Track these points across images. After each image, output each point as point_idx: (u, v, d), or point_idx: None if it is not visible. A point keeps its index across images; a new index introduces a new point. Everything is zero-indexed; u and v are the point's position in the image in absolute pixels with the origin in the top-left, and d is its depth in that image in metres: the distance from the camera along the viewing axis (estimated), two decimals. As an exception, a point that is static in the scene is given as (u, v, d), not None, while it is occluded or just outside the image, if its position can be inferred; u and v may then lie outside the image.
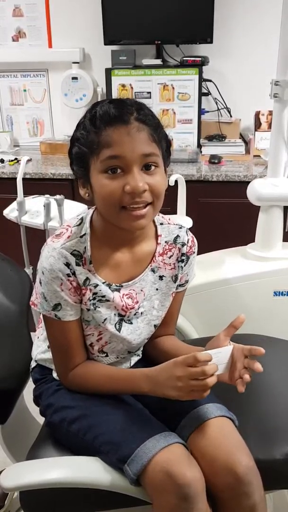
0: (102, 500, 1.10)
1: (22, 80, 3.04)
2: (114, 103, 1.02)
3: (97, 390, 1.14)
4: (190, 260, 1.22)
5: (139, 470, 0.99)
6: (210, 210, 2.45)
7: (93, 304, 1.12)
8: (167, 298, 1.22)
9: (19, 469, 1.12)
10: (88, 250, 1.09)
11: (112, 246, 1.13)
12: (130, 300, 1.15)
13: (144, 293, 1.17)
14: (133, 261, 1.15)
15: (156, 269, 1.18)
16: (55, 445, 1.16)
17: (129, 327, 1.17)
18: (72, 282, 1.08)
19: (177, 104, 2.75)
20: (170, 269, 1.20)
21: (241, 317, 1.07)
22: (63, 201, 1.83)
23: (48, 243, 1.10)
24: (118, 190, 1.00)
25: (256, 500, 1.01)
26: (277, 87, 1.67)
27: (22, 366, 1.35)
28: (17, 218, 1.90)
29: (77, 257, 1.09)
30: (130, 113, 1.00)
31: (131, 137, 0.99)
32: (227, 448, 1.04)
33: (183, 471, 0.97)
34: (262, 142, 2.72)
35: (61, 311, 1.10)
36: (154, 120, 1.04)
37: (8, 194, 2.20)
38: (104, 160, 1.00)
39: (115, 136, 0.99)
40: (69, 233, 1.10)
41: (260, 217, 1.88)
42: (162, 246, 1.18)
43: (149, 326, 1.21)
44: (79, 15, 2.85)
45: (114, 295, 1.13)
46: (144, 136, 1.01)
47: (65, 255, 1.07)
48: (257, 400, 1.26)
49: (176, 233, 1.20)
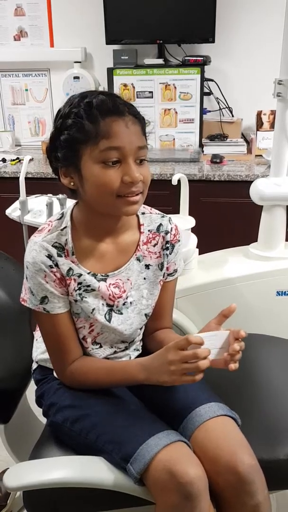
0: (106, 500, 1.09)
1: (23, 79, 3.04)
2: (105, 95, 1.05)
3: (96, 384, 1.14)
4: (175, 249, 1.23)
5: (142, 469, 0.99)
6: (212, 210, 2.45)
7: (79, 295, 1.13)
8: (155, 287, 1.23)
9: (23, 469, 1.12)
10: (69, 242, 1.12)
11: (95, 237, 1.15)
12: (117, 289, 1.17)
13: (131, 282, 1.18)
14: (117, 251, 1.17)
15: (141, 258, 1.20)
16: (58, 445, 1.16)
17: (119, 317, 1.18)
18: (55, 273, 1.11)
19: (179, 103, 2.75)
20: (156, 258, 1.21)
21: (232, 306, 1.08)
22: (66, 201, 1.83)
23: (31, 238, 1.13)
24: (116, 180, 1.03)
25: (259, 500, 1.01)
26: (281, 86, 1.67)
27: (24, 366, 1.35)
28: (20, 218, 1.90)
29: (59, 249, 1.11)
30: (124, 105, 1.04)
31: (128, 130, 1.03)
32: (230, 447, 1.04)
33: (186, 469, 0.97)
34: (263, 141, 2.72)
35: (49, 304, 1.11)
36: (141, 115, 1.09)
37: (10, 194, 2.20)
38: (103, 150, 1.02)
39: (115, 128, 1.02)
40: (50, 227, 1.13)
41: (262, 216, 1.87)
42: (145, 235, 1.20)
43: (140, 316, 1.22)
44: (81, 14, 2.85)
45: (100, 285, 1.15)
46: (138, 129, 1.05)
47: (46, 247, 1.10)
48: (260, 400, 1.25)
49: (158, 221, 1.22)
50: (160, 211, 1.26)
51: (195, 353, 0.97)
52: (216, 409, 1.10)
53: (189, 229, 1.84)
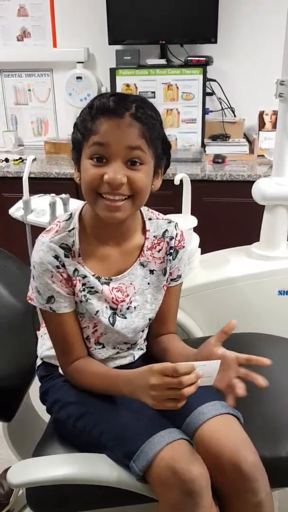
0: (109, 497, 1.10)
1: (26, 79, 3.05)
2: (115, 96, 1.05)
3: (91, 388, 1.15)
4: (179, 255, 1.23)
5: (145, 466, 1.00)
6: (214, 210, 2.45)
7: (84, 296, 1.14)
8: (159, 291, 1.23)
9: (26, 466, 1.13)
10: (76, 243, 1.12)
11: (100, 240, 1.15)
12: (119, 293, 1.17)
13: (135, 286, 1.19)
14: (121, 255, 1.17)
15: (145, 263, 1.20)
16: (61, 442, 1.17)
17: (123, 322, 1.19)
18: (62, 273, 1.11)
19: (181, 103, 2.76)
20: (160, 263, 1.21)
21: (232, 322, 1.05)
22: (69, 200, 1.84)
23: (39, 238, 1.14)
24: (98, 176, 1.03)
25: (262, 497, 1.02)
26: (283, 87, 1.67)
27: (28, 364, 1.36)
28: (23, 217, 1.91)
29: (66, 250, 1.12)
30: (127, 109, 1.02)
31: (120, 130, 1.01)
32: (232, 445, 1.04)
33: (188, 466, 0.98)
34: (266, 142, 2.72)
35: (55, 303, 1.12)
36: (151, 120, 1.05)
37: (13, 193, 2.21)
38: (91, 145, 1.03)
39: (105, 125, 1.02)
40: (58, 228, 1.14)
41: (264, 216, 1.88)
42: (150, 241, 1.20)
43: (144, 320, 1.22)
44: (84, 14, 2.86)
45: (104, 288, 1.15)
46: (134, 131, 1.02)
47: (53, 248, 1.10)
48: (262, 398, 1.26)
49: (164, 227, 1.22)
50: (162, 210, 1.26)
51: (180, 381, 0.92)
52: (219, 407, 1.11)
53: (191, 229, 1.84)
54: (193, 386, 0.94)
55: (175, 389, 0.94)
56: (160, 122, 1.09)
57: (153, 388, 0.95)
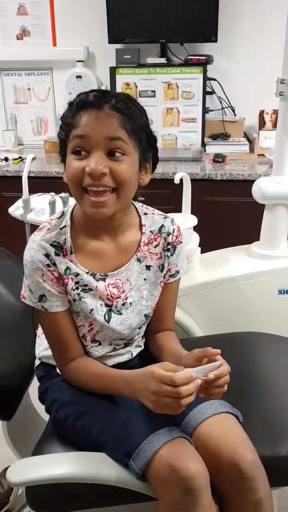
0: (108, 496, 1.10)
1: (26, 78, 3.05)
2: (95, 92, 1.05)
3: (88, 388, 1.15)
4: (177, 250, 1.23)
5: (144, 465, 1.00)
6: (215, 209, 2.46)
7: (77, 294, 1.13)
8: (155, 288, 1.23)
9: (26, 465, 1.13)
10: (68, 241, 1.12)
11: (94, 236, 1.15)
12: (115, 289, 1.17)
13: (131, 282, 1.18)
14: (117, 250, 1.17)
15: (142, 258, 1.19)
16: (61, 441, 1.17)
17: (118, 318, 1.18)
18: (53, 272, 1.11)
19: (181, 102, 2.76)
20: (157, 259, 1.21)
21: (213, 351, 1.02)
22: (68, 199, 1.84)
23: (31, 237, 1.14)
24: (80, 170, 1.03)
25: (261, 496, 1.02)
26: (283, 86, 1.67)
27: (28, 363, 1.36)
28: (23, 216, 1.91)
29: (57, 248, 1.11)
30: (106, 101, 1.02)
31: (99, 121, 1.01)
32: (232, 444, 1.04)
33: (187, 464, 0.97)
34: (266, 141, 2.72)
35: (47, 302, 1.12)
36: (131, 111, 1.04)
37: (12, 192, 2.21)
38: (72, 139, 1.04)
39: (84, 118, 1.02)
40: (49, 226, 1.14)
41: (265, 215, 1.88)
42: (147, 236, 1.20)
43: (140, 316, 1.22)
44: (84, 13, 2.86)
45: (99, 284, 1.15)
46: (114, 121, 1.02)
47: (44, 246, 1.10)
48: (261, 397, 1.26)
49: (161, 222, 1.21)
50: (162, 209, 1.26)
51: (177, 392, 0.93)
52: (218, 406, 1.11)
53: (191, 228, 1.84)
54: (192, 396, 0.95)
55: (173, 398, 0.94)
56: (145, 116, 1.09)
57: (153, 393, 0.96)
